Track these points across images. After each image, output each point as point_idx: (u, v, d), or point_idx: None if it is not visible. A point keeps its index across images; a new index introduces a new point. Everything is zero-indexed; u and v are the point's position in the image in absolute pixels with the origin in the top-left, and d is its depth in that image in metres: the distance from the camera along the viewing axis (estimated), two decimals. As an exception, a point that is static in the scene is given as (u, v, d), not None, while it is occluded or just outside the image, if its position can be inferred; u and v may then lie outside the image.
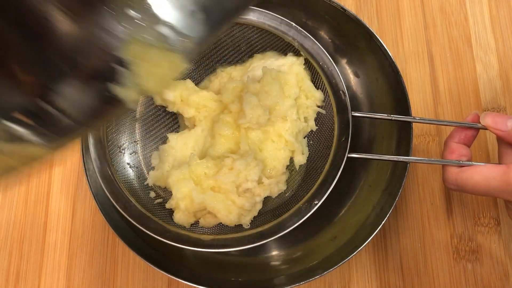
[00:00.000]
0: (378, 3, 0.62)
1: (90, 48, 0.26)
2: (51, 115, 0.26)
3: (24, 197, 0.56)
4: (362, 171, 0.54)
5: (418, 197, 0.55)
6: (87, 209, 0.56)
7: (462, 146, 0.44)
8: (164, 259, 0.49)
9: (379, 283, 0.53)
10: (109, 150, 0.49)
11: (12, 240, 0.55)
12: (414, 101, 0.58)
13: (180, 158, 0.50)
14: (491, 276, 0.53)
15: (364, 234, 0.47)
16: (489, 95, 0.58)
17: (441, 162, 0.44)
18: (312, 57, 0.50)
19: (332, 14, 0.53)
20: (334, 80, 0.49)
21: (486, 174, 0.40)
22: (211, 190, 0.46)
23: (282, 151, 0.49)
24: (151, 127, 0.53)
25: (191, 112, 0.50)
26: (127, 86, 0.27)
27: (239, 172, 0.46)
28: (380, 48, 0.51)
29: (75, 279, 0.54)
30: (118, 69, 0.26)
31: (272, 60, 0.52)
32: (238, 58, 0.55)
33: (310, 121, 0.51)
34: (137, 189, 0.50)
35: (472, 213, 0.55)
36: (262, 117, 0.47)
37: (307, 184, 0.49)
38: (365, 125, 0.55)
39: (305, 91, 0.51)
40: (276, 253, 0.53)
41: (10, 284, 0.54)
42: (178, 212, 0.47)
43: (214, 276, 0.50)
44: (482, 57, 0.60)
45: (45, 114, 0.25)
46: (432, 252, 0.53)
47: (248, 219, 0.47)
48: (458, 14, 0.62)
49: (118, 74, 0.26)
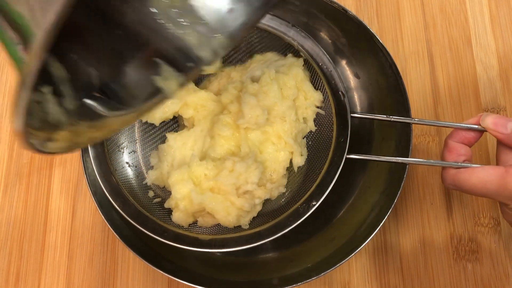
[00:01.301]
0: (378, 3, 0.62)
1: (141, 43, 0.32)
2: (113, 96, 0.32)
3: (24, 197, 0.57)
4: (361, 173, 0.54)
5: (418, 197, 0.55)
6: (87, 209, 0.56)
7: (461, 146, 0.44)
8: (164, 259, 0.49)
9: (379, 283, 0.53)
10: (108, 149, 0.49)
11: (12, 240, 0.55)
12: (414, 101, 0.58)
13: (179, 157, 0.50)
14: (491, 276, 0.53)
15: (363, 235, 0.47)
16: (489, 95, 0.58)
17: (440, 164, 0.44)
18: (312, 58, 0.50)
19: (333, 15, 0.53)
20: (333, 81, 0.49)
21: (483, 177, 0.40)
22: (210, 191, 0.46)
23: (282, 153, 0.49)
24: (150, 126, 0.53)
25: (189, 112, 0.50)
26: (169, 79, 0.31)
27: (239, 174, 0.46)
28: (381, 49, 0.51)
29: (75, 279, 0.54)
30: (162, 64, 0.31)
31: (272, 61, 0.52)
32: (238, 58, 0.55)
33: (309, 122, 0.51)
34: (136, 188, 0.50)
35: (472, 213, 0.55)
36: (260, 117, 0.47)
37: (305, 185, 0.49)
38: (365, 126, 0.55)
39: (304, 92, 0.51)
40: (275, 254, 0.53)
41: (10, 284, 0.54)
42: (177, 211, 0.47)
43: (213, 277, 0.50)
44: (482, 57, 0.60)
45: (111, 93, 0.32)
46: (432, 252, 0.53)
47: (247, 220, 0.47)
48: (458, 14, 0.62)
49: (162, 68, 0.31)
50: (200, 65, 0.32)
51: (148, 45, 0.32)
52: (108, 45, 0.32)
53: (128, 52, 0.32)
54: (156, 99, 0.32)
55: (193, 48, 0.31)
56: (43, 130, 0.27)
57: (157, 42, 0.32)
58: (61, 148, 0.29)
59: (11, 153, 0.58)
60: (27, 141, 0.26)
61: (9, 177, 0.57)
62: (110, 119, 0.32)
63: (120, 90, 0.32)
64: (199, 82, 0.55)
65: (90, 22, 0.31)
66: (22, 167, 0.58)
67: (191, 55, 0.31)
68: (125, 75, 0.32)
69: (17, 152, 0.58)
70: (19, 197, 0.57)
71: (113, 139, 0.51)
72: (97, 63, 0.32)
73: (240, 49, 0.54)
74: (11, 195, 0.57)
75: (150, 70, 0.31)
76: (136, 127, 0.53)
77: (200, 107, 0.50)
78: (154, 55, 0.32)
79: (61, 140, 0.29)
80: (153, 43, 0.32)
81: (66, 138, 0.29)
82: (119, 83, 0.32)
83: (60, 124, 0.29)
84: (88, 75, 0.32)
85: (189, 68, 0.32)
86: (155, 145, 0.53)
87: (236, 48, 0.54)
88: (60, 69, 0.29)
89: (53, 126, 0.29)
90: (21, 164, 0.58)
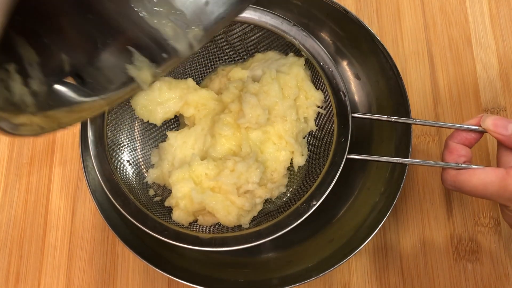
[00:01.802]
0: (378, 3, 0.62)
1: (116, 30, 0.31)
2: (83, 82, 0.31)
3: (24, 197, 0.56)
4: (361, 174, 0.54)
5: (418, 197, 0.55)
6: (87, 209, 0.56)
7: (462, 147, 0.44)
8: (164, 260, 0.49)
9: (379, 283, 0.53)
10: (109, 147, 0.49)
11: (12, 240, 0.55)
12: (414, 101, 0.58)
13: (180, 156, 0.50)
14: (491, 276, 0.53)
15: (362, 236, 0.47)
16: (489, 95, 0.58)
17: (440, 165, 0.44)
18: (313, 57, 0.50)
19: (334, 15, 0.53)
20: (334, 80, 0.49)
21: (484, 178, 0.40)
22: (211, 191, 0.46)
23: (283, 152, 0.49)
24: (150, 125, 0.53)
25: (190, 111, 0.50)
26: (142, 69, 0.31)
27: (240, 174, 0.46)
28: (381, 51, 0.51)
29: (75, 279, 0.54)
30: (135, 53, 0.31)
31: (273, 60, 0.52)
32: (239, 57, 0.55)
33: (310, 122, 0.51)
34: (136, 187, 0.50)
35: (472, 213, 0.55)
36: (261, 116, 0.47)
37: (306, 185, 0.49)
38: (365, 127, 0.55)
39: (305, 91, 0.51)
40: (275, 254, 0.53)
41: (10, 284, 0.54)
42: (177, 210, 0.47)
43: (213, 277, 0.50)
44: (482, 57, 0.60)
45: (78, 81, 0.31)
46: (432, 252, 0.53)
47: (247, 220, 0.47)
48: (458, 14, 0.62)
49: (135, 57, 0.31)
50: (175, 57, 0.32)
51: (123, 33, 0.32)
52: (83, 30, 0.31)
53: (102, 39, 0.32)
54: (128, 88, 0.32)
55: (168, 39, 0.31)
56: (7, 111, 0.27)
57: (132, 30, 0.31)
58: (35, 130, 0.29)
59: (11, 153, 0.58)
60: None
61: (9, 177, 0.57)
62: (75, 106, 0.31)
63: (92, 77, 0.32)
64: (200, 80, 0.55)
65: (64, 6, 0.30)
66: (22, 167, 0.58)
67: (165, 46, 0.31)
68: (99, 62, 0.32)
69: (17, 152, 0.58)
70: (19, 197, 0.57)
71: (113, 138, 0.50)
72: (70, 48, 0.31)
73: (241, 48, 0.54)
74: (11, 195, 0.57)
75: (124, 59, 0.31)
76: (137, 126, 0.53)
77: (201, 106, 0.50)
78: (128, 43, 0.31)
79: (26, 123, 0.28)
80: (128, 31, 0.31)
81: (29, 120, 0.29)
82: (91, 70, 0.32)
83: (26, 106, 0.28)
84: (60, 61, 0.31)
85: (163, 59, 0.32)
86: (155, 143, 0.53)
87: (238, 47, 0.54)
88: (30, 51, 0.28)
89: (18, 107, 0.28)
90: (21, 164, 0.58)
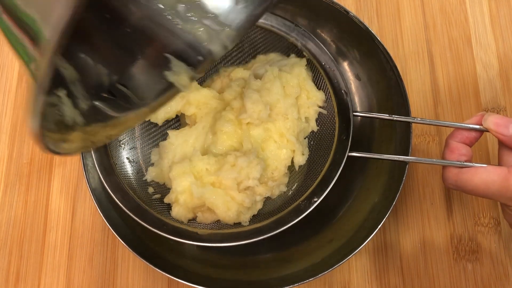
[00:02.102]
0: (378, 3, 0.62)
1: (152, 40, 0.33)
2: (125, 94, 0.33)
3: (24, 197, 0.56)
4: (361, 174, 0.54)
5: (418, 197, 0.55)
6: (87, 209, 0.56)
7: (462, 146, 0.43)
8: (164, 259, 0.49)
9: (379, 283, 0.53)
10: (109, 144, 0.49)
11: (12, 240, 0.55)
12: (414, 101, 0.58)
13: (180, 154, 0.50)
14: (491, 276, 0.53)
15: (362, 236, 0.47)
16: (489, 95, 0.58)
17: (442, 162, 0.43)
18: (315, 58, 0.50)
19: (334, 16, 0.53)
20: (336, 80, 0.49)
21: (486, 178, 0.40)
22: (211, 186, 0.46)
23: (284, 150, 0.49)
24: (151, 124, 0.53)
25: (191, 110, 0.50)
26: (180, 74, 0.32)
27: (241, 169, 0.46)
28: (382, 52, 0.51)
29: (75, 279, 0.54)
30: (173, 59, 0.32)
31: (275, 61, 0.52)
32: (242, 58, 0.55)
33: (312, 122, 0.51)
34: (135, 184, 0.50)
35: (472, 213, 0.55)
36: (263, 112, 0.47)
37: (307, 183, 0.49)
38: (365, 127, 0.55)
39: (307, 91, 0.51)
40: (274, 254, 0.53)
41: (10, 284, 0.54)
42: (177, 206, 0.47)
43: (213, 276, 0.50)
44: (482, 57, 0.60)
45: (120, 93, 0.33)
46: (432, 252, 0.53)
47: (247, 217, 0.47)
48: (458, 14, 0.62)
49: (173, 63, 0.32)
50: (210, 58, 0.33)
51: (157, 41, 0.33)
52: (118, 42, 0.33)
53: (138, 49, 0.33)
54: (169, 93, 0.33)
55: (203, 42, 0.32)
56: (58, 132, 0.28)
57: (167, 38, 0.32)
58: (76, 148, 0.30)
59: (11, 153, 0.58)
60: (43, 143, 0.26)
61: (9, 177, 0.57)
62: (122, 118, 0.32)
63: (130, 88, 0.33)
64: (202, 81, 0.55)
65: (98, 20, 0.31)
66: (22, 167, 0.58)
67: (200, 49, 0.32)
68: (136, 72, 0.33)
69: (17, 152, 0.58)
70: (19, 197, 0.56)
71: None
72: (106, 61, 0.32)
73: (243, 50, 0.55)
74: (11, 195, 0.57)
75: (161, 66, 0.32)
76: (137, 124, 0.53)
77: (202, 105, 0.50)
78: (164, 51, 0.32)
79: (75, 140, 0.29)
80: (163, 39, 0.32)
81: (80, 138, 0.30)
82: (130, 80, 0.33)
83: (76, 125, 0.29)
84: (98, 74, 0.32)
85: (199, 62, 0.33)
86: (156, 142, 0.53)
87: (240, 49, 0.54)
88: (70, 69, 0.29)
89: (69, 127, 0.29)
90: (21, 164, 0.58)
